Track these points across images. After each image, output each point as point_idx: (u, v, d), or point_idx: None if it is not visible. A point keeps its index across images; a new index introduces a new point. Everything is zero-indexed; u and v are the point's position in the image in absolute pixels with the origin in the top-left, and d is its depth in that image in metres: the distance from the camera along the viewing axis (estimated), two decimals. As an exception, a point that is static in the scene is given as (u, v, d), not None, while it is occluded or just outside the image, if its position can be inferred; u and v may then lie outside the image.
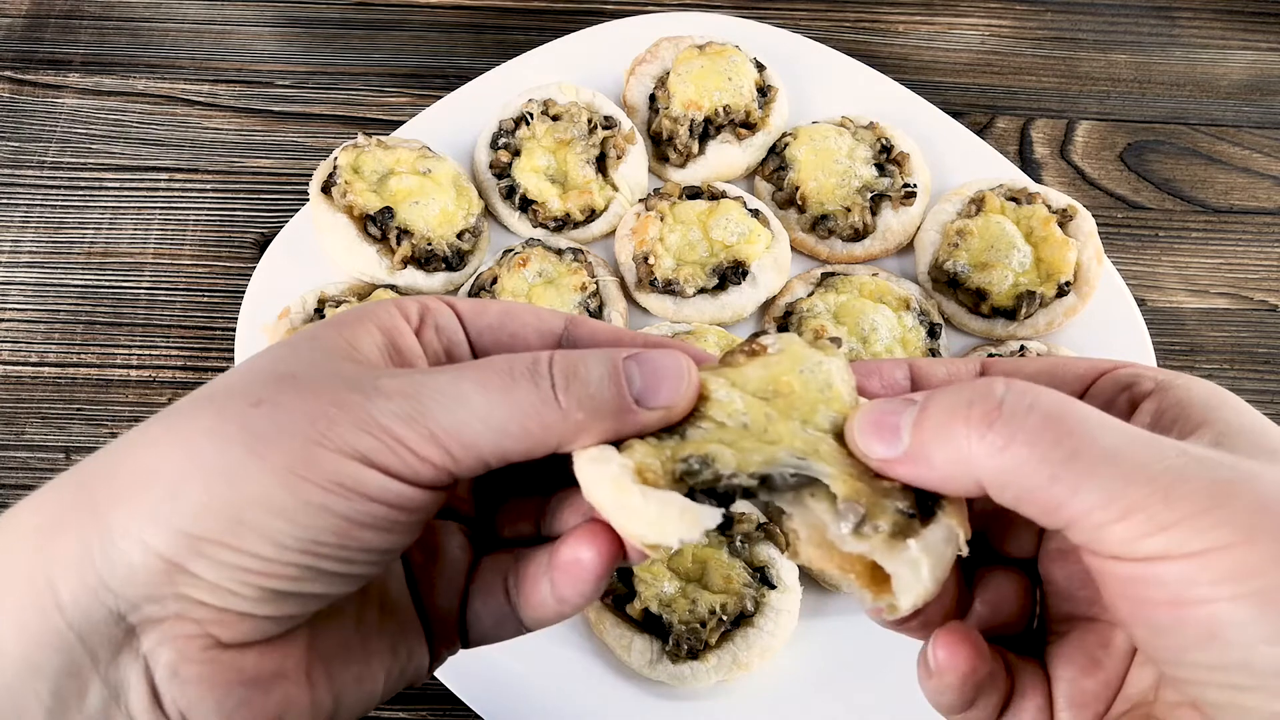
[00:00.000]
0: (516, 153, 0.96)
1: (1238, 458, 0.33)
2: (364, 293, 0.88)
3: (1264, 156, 1.10)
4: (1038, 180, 1.04)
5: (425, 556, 0.44)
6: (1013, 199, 0.94)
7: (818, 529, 0.37)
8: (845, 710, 0.74)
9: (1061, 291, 0.90)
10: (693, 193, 0.95)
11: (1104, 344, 0.90)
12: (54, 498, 0.36)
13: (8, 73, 1.07)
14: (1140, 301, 0.97)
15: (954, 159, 1.00)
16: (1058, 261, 0.90)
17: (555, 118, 0.96)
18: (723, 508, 0.37)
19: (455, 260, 0.91)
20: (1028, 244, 0.92)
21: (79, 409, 0.88)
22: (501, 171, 0.96)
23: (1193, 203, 1.06)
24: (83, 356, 0.90)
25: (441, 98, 1.01)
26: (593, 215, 0.95)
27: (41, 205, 0.99)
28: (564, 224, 0.94)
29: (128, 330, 0.92)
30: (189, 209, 0.99)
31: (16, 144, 1.02)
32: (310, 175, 0.92)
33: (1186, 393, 0.38)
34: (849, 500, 0.36)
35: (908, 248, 0.97)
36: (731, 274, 0.90)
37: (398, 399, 0.35)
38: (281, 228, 0.92)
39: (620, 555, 0.40)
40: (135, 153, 1.02)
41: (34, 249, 0.96)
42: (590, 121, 0.96)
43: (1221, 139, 1.11)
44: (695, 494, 0.37)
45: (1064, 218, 0.93)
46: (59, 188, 1.00)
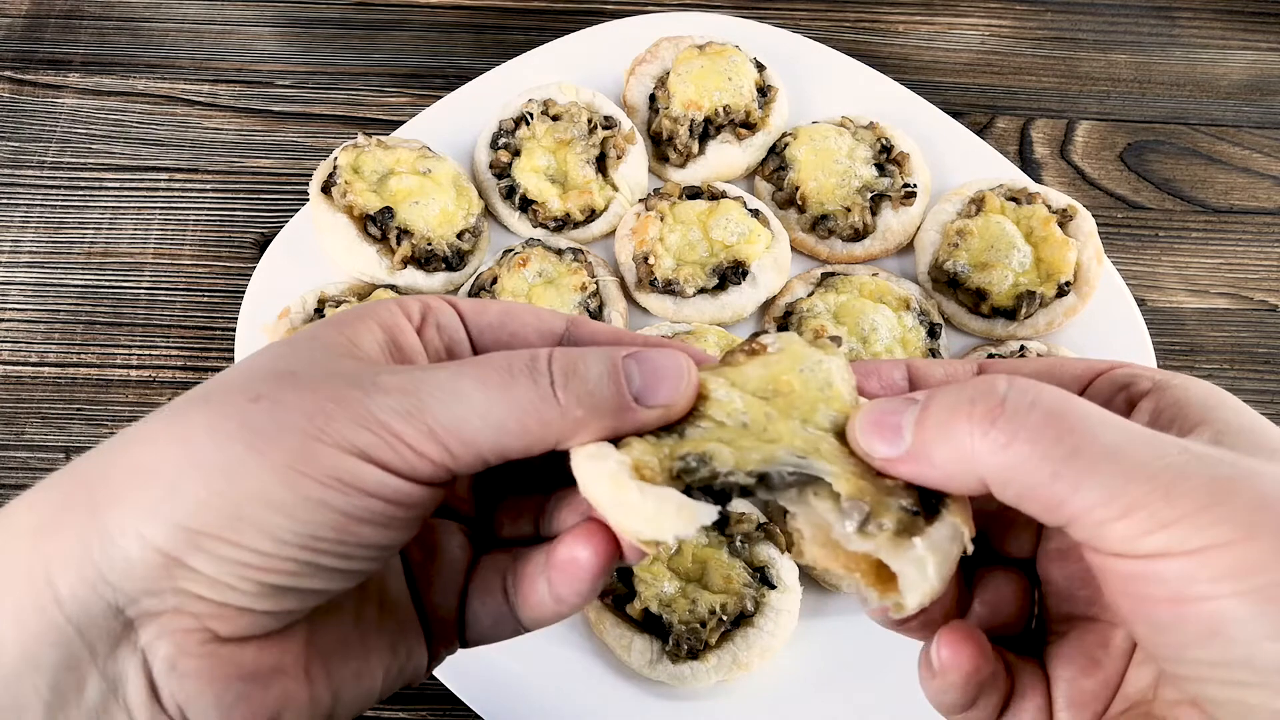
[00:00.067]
0: (516, 153, 0.96)
1: (1238, 455, 0.33)
2: (364, 293, 0.88)
3: (1264, 156, 1.10)
4: (1038, 180, 1.04)
5: (424, 555, 0.44)
6: (1013, 199, 0.94)
7: (822, 528, 0.37)
8: (845, 710, 0.74)
9: (1061, 291, 0.90)
10: (693, 193, 0.95)
11: (1104, 344, 0.90)
12: (51, 495, 0.35)
13: (8, 73, 1.07)
14: (1140, 301, 0.97)
15: (954, 159, 1.00)
16: (1058, 261, 0.90)
17: (555, 118, 0.96)
18: (720, 505, 0.37)
19: (455, 260, 0.91)
20: (1028, 244, 0.92)
21: (79, 409, 0.88)
22: (501, 171, 0.96)
23: (1193, 203, 1.06)
24: (83, 356, 0.90)
25: (441, 98, 1.01)
26: (593, 215, 0.95)
27: (41, 205, 0.99)
28: (564, 224, 0.94)
29: (128, 330, 0.92)
30: (189, 209, 0.99)
31: (16, 144, 1.02)
32: (310, 175, 0.92)
33: (1184, 392, 0.38)
34: (853, 499, 0.36)
35: (908, 248, 0.97)
36: (731, 274, 0.90)
37: (397, 395, 0.35)
38: (281, 228, 0.92)
39: (617, 555, 0.40)
40: (135, 153, 1.02)
41: (34, 249, 0.96)
42: (590, 121, 0.96)
43: (1221, 139, 1.11)
44: (692, 491, 0.37)
45: (1064, 218, 0.93)
46: (59, 188, 1.00)
